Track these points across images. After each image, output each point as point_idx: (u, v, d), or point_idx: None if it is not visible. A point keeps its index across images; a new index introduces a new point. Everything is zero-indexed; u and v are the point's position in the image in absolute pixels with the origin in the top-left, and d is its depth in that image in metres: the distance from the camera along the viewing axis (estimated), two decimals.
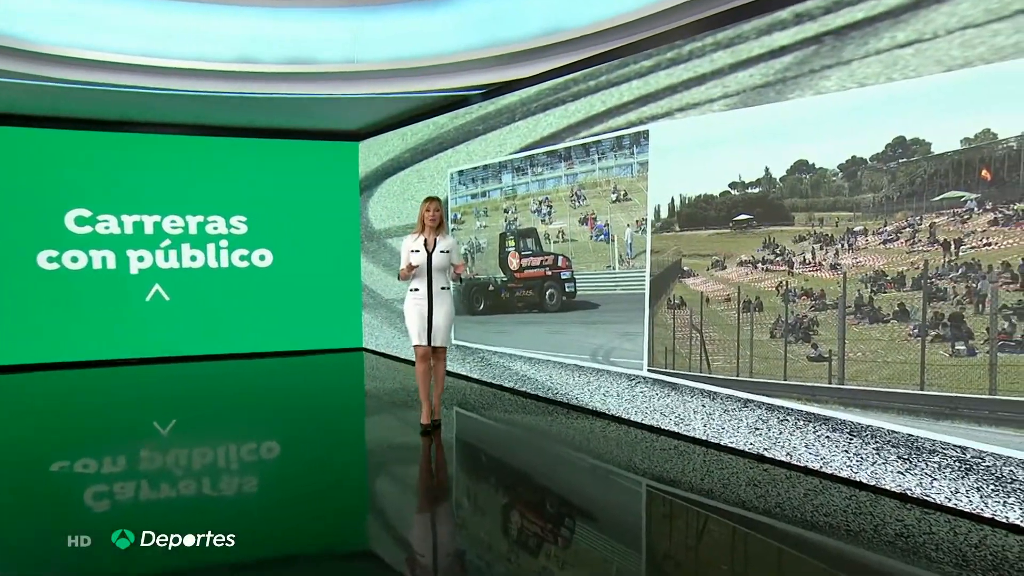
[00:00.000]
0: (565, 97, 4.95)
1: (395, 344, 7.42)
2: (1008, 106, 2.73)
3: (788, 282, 3.55)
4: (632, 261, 4.50)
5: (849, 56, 3.23)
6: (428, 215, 4.11)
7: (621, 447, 4.10)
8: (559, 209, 5.11)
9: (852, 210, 3.27)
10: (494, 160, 5.72)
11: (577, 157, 4.86)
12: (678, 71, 4.07)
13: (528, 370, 5.44)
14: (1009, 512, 2.78)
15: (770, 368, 3.64)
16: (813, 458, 3.48)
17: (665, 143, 4.18)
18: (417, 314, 4.17)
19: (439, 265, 4.13)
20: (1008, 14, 2.72)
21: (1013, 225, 2.74)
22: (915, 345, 3.05)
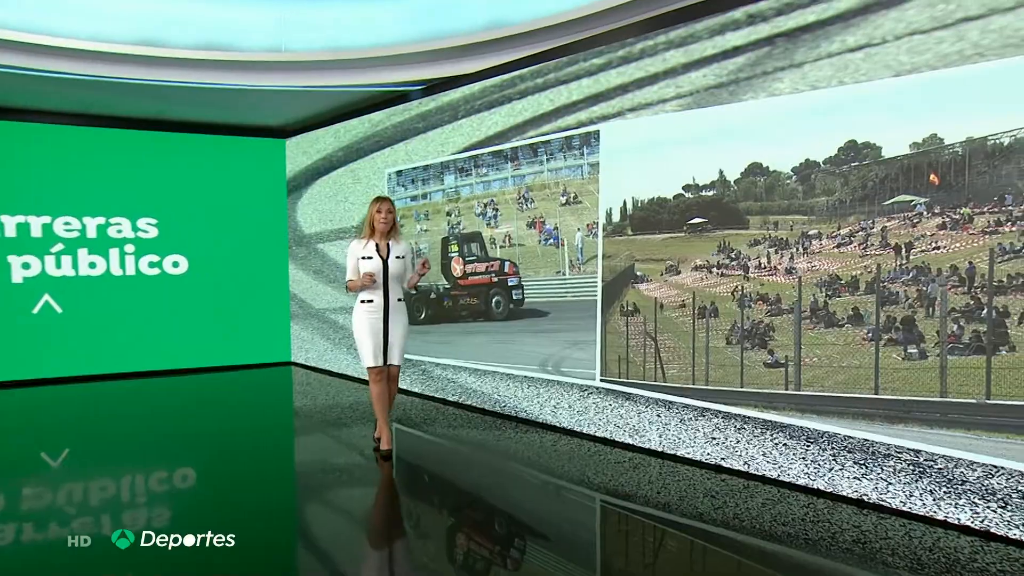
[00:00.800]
0: (511, 95, 4.91)
1: (328, 357, 7.15)
2: (953, 112, 2.87)
3: (744, 287, 3.62)
4: (583, 267, 4.49)
5: (801, 59, 3.33)
6: (380, 217, 3.83)
7: (573, 461, 4.06)
8: (505, 212, 5.06)
9: (806, 213, 3.37)
10: (436, 160, 5.61)
11: (524, 158, 4.83)
12: (630, 70, 4.10)
13: (473, 382, 5.35)
14: (960, 514, 2.90)
15: (727, 375, 3.69)
16: (771, 467, 3.54)
17: (617, 144, 4.20)
18: (370, 330, 3.86)
19: (395, 273, 3.86)
20: (951, 22, 2.87)
21: (960, 229, 2.89)
22: (869, 349, 3.16)
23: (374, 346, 3.87)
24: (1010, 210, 2.75)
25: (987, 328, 2.80)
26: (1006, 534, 2.78)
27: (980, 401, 2.82)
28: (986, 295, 2.81)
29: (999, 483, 2.80)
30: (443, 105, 5.53)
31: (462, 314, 5.45)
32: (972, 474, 2.87)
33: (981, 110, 2.80)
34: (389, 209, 3.87)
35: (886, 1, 3.05)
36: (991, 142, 2.79)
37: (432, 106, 5.64)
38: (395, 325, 3.91)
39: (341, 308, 6.92)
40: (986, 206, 2.82)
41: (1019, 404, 2.72)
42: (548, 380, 4.76)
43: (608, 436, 4.37)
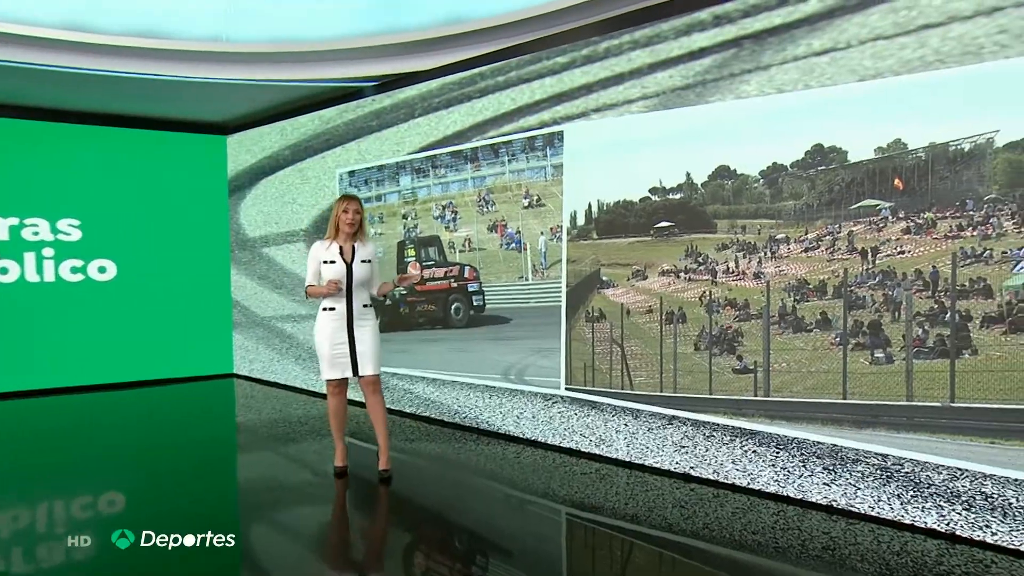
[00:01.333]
0: (471, 93, 4.87)
1: (274, 368, 6.93)
2: (916, 117, 2.98)
3: (712, 292, 3.67)
4: (546, 271, 4.48)
5: (768, 61, 3.40)
6: (345, 217, 3.63)
7: (537, 473, 4.04)
8: (465, 215, 5.01)
9: (774, 217, 3.44)
10: (391, 160, 5.52)
11: (485, 158, 4.80)
12: (594, 69, 4.11)
13: (432, 393, 5.27)
14: (927, 517, 3.00)
15: (695, 382, 3.73)
16: (740, 474, 3.59)
17: (581, 145, 4.20)
18: (330, 339, 3.65)
19: (361, 278, 3.65)
20: (913, 28, 2.98)
21: (924, 234, 2.99)
22: (837, 354, 3.23)
23: (331, 356, 3.70)
24: (971, 215, 2.86)
25: (950, 332, 2.91)
26: (971, 536, 2.88)
27: (945, 404, 2.92)
28: (949, 299, 2.91)
29: (963, 486, 2.90)
30: (399, 102, 5.45)
31: (419, 321, 5.37)
32: (938, 477, 2.97)
33: (943, 116, 2.91)
34: (356, 209, 3.66)
35: (850, 6, 3.14)
36: (952, 148, 2.90)
37: (387, 103, 5.55)
38: (362, 333, 3.70)
39: (289, 316, 6.72)
40: (948, 211, 2.93)
41: (982, 407, 2.82)
42: (511, 389, 4.72)
43: (574, 446, 4.36)
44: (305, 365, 6.55)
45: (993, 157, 2.79)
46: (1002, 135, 2.77)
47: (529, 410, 4.62)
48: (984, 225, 2.83)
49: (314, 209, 6.37)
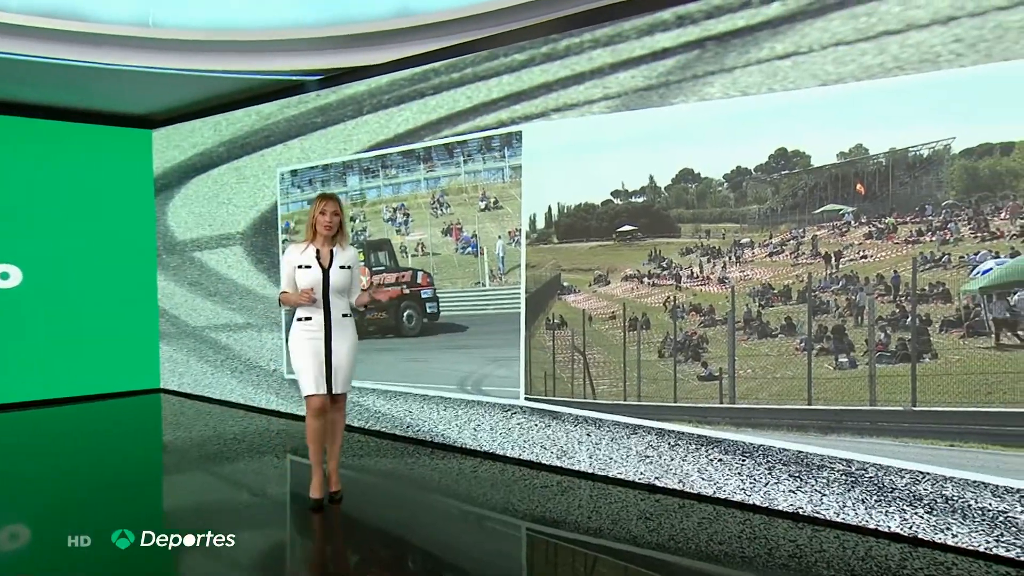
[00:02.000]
0: (424, 90, 4.83)
1: (207, 382, 6.67)
2: (877, 123, 3.11)
3: (676, 297, 3.73)
4: (505, 277, 4.47)
5: (731, 63, 3.49)
6: (323, 219, 3.41)
7: (496, 487, 4.01)
8: (418, 218, 4.95)
9: (738, 221, 3.53)
10: (337, 159, 5.41)
11: (439, 159, 4.76)
12: (554, 68, 4.14)
13: (382, 405, 5.17)
14: (891, 521, 3.12)
15: (659, 390, 3.78)
16: (706, 484, 3.66)
17: (540, 146, 4.22)
18: (311, 352, 3.44)
19: (339, 286, 3.44)
20: (873, 35, 3.12)
21: (885, 238, 3.12)
22: (802, 359, 3.34)
23: (316, 371, 3.45)
24: (930, 220, 3.01)
25: (911, 336, 3.04)
26: (932, 539, 3.02)
27: (907, 408, 3.05)
28: (910, 303, 3.05)
29: (925, 489, 3.03)
30: (345, 98, 5.34)
31: (369, 330, 5.27)
32: (900, 481, 3.09)
33: (902, 122, 3.05)
34: (335, 210, 3.44)
35: (812, 11, 3.26)
36: (912, 154, 3.04)
37: (332, 99, 5.44)
38: (340, 346, 3.50)
39: (224, 326, 6.49)
40: (908, 216, 3.07)
41: (942, 410, 2.96)
42: (467, 400, 4.68)
43: (534, 459, 4.35)
44: (243, 378, 6.33)
45: (950, 164, 2.94)
46: (958, 142, 2.92)
47: (487, 422, 4.59)
48: (942, 230, 2.97)
49: (252, 210, 6.18)
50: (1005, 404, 2.82)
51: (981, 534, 2.91)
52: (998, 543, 2.87)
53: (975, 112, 2.87)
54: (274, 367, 6.04)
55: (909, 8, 3.02)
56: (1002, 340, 2.84)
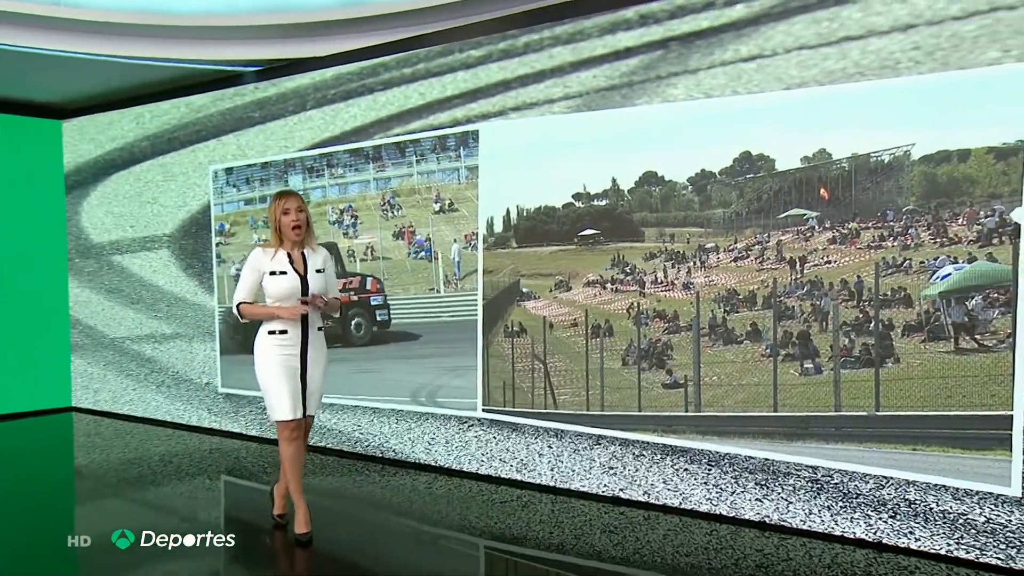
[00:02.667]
0: (373, 85, 4.78)
1: (127, 399, 6.39)
2: (839, 128, 3.26)
3: (640, 303, 3.80)
4: (460, 283, 4.47)
5: (696, 65, 3.59)
6: (288, 220, 3.20)
7: (452, 504, 4.00)
8: (367, 220, 4.90)
9: (703, 226, 3.63)
10: (277, 157, 5.29)
11: (390, 158, 4.72)
12: (512, 65, 4.16)
13: (328, 419, 5.08)
14: (856, 528, 3.26)
15: (623, 399, 3.84)
16: (672, 494, 3.74)
17: (498, 146, 4.24)
18: (285, 371, 3.22)
19: (316, 292, 3.26)
20: (835, 40, 3.27)
21: (848, 244, 3.27)
22: (767, 366, 3.45)
23: (291, 392, 3.24)
24: (891, 226, 3.17)
25: (875, 341, 3.19)
26: (896, 543, 3.17)
27: (871, 414, 3.20)
28: (873, 308, 3.20)
29: (889, 494, 3.18)
30: (287, 92, 5.24)
31: None
32: (865, 486, 3.24)
33: (864, 127, 3.21)
34: (300, 207, 3.23)
35: (775, 14, 3.39)
36: (873, 159, 3.20)
37: (272, 92, 5.32)
38: (315, 364, 3.31)
39: (149, 336, 6.24)
40: (871, 221, 3.22)
41: (904, 415, 3.12)
42: (421, 413, 4.65)
43: (492, 473, 4.35)
44: (170, 393, 6.10)
45: (910, 169, 3.11)
46: (917, 148, 3.09)
47: (442, 435, 4.57)
48: (903, 236, 3.14)
49: (181, 211, 5.97)
50: (964, 408, 2.99)
51: (942, 537, 3.07)
52: (958, 545, 3.03)
53: (933, 119, 3.05)
54: (207, 380, 5.85)
55: (869, 14, 3.18)
56: (961, 344, 3.02)
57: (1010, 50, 2.89)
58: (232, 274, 5.63)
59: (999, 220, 2.91)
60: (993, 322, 2.94)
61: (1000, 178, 2.90)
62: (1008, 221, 2.89)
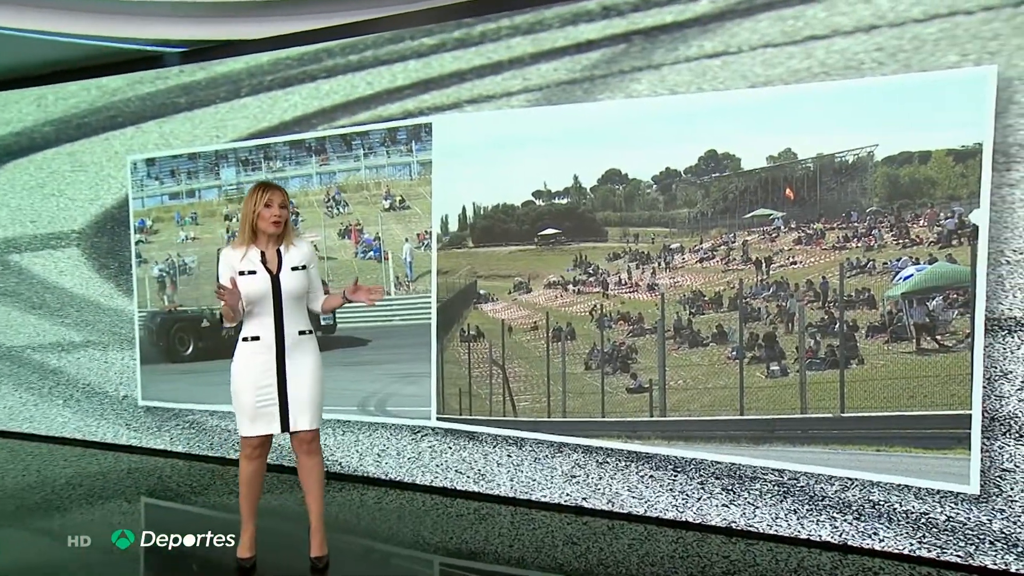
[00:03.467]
0: (316, 72, 4.72)
1: (28, 414, 6.10)
2: (805, 127, 3.44)
3: (603, 305, 3.90)
4: (413, 284, 4.48)
5: (660, 60, 3.72)
6: (269, 214, 3.09)
7: (404, 520, 4.01)
8: (310, 217, 4.84)
9: (668, 225, 3.76)
10: (207, 148, 5.16)
11: (335, 151, 4.68)
12: (468, 55, 4.20)
13: None
14: (821, 530, 3.45)
15: (586, 404, 3.94)
16: (637, 502, 3.85)
17: (453, 140, 4.26)
18: (252, 380, 3.14)
19: (293, 292, 3.14)
20: (800, 39, 3.45)
21: (813, 244, 3.45)
22: (733, 368, 3.61)
23: (254, 404, 3.14)
24: (855, 227, 3.37)
25: (840, 342, 3.38)
26: (861, 545, 3.37)
27: (836, 415, 3.39)
28: (838, 310, 3.39)
29: (854, 495, 3.38)
30: (218, 77, 5.11)
31: None
32: (831, 488, 3.43)
33: (829, 127, 3.40)
34: (283, 201, 3.12)
35: (740, 10, 3.55)
36: (838, 159, 3.39)
37: (201, 77, 5.18)
38: (298, 371, 3.18)
39: (54, 345, 5.97)
40: (835, 222, 3.41)
41: (869, 416, 3.32)
42: (370, 423, 4.63)
43: (448, 485, 4.38)
44: (81, 408, 5.85)
45: (873, 170, 3.31)
46: (880, 149, 3.29)
47: (393, 446, 4.56)
48: (867, 236, 3.34)
49: (94, 205, 5.74)
50: (926, 408, 3.21)
51: (905, 537, 3.28)
52: (921, 544, 3.25)
53: (896, 120, 3.25)
54: (124, 393, 5.64)
55: (834, 14, 3.37)
56: (922, 344, 3.23)
57: (968, 54, 3.12)
58: (155, 275, 5.46)
59: (958, 222, 3.14)
60: (953, 322, 3.16)
61: (959, 180, 3.13)
62: (967, 223, 3.12)
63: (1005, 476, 3.09)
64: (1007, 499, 3.08)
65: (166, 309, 5.41)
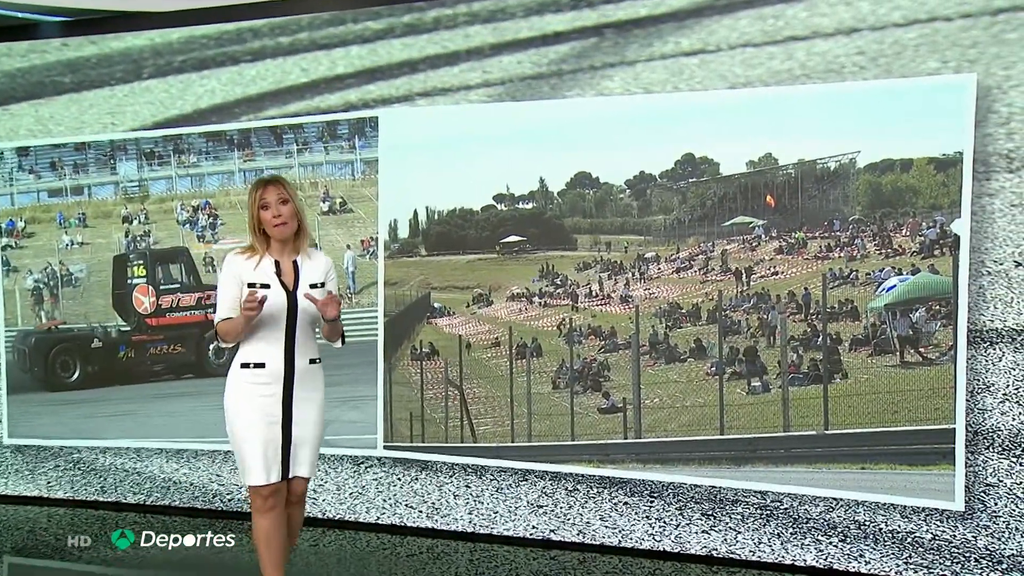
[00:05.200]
0: (238, 54, 4.72)
1: None
2: (785, 132, 3.75)
3: (572, 319, 4.10)
4: (356, 297, 4.53)
5: (633, 57, 3.96)
6: (268, 216, 2.91)
7: (345, 563, 4.08)
8: (231, 221, 4.83)
9: (642, 233, 3.99)
10: (100, 137, 5.04)
11: (263, 145, 4.70)
12: (420, 43, 4.32)
13: (175, 470, 4.92)
14: (806, 554, 3.75)
15: (554, 427, 4.12)
16: (610, 532, 4.05)
17: (403, 136, 4.37)
18: (261, 418, 2.96)
19: (311, 313, 2.98)
20: (780, 39, 3.76)
21: (795, 254, 3.77)
22: (713, 385, 3.87)
23: (264, 447, 2.94)
24: (838, 235, 3.70)
25: (823, 356, 3.70)
26: (847, 568, 3.69)
27: (820, 433, 3.70)
28: (821, 322, 3.71)
29: (839, 516, 3.70)
30: (113, 54, 5.00)
31: (154, 370, 5.00)
32: (815, 510, 3.73)
33: (810, 132, 3.72)
34: (282, 195, 2.92)
35: (719, 7, 3.83)
36: (820, 166, 3.72)
37: (91, 52, 5.05)
38: (305, 409, 3.01)
39: None
40: (817, 231, 3.74)
41: (853, 432, 3.65)
42: None
43: (397, 521, 4.45)
44: None
45: (856, 178, 3.65)
46: (863, 156, 3.64)
47: (332, 480, 4.58)
48: (850, 246, 3.67)
49: None
50: (910, 423, 3.56)
51: (892, 558, 3.62)
52: (907, 565, 3.60)
53: (878, 127, 3.61)
54: None
55: (815, 15, 3.70)
56: (906, 358, 3.59)
57: (948, 61, 3.50)
58: (29, 286, 5.27)
59: (940, 231, 3.51)
60: (936, 334, 3.53)
61: (940, 189, 3.50)
62: (948, 232, 3.49)
63: (989, 491, 3.47)
64: (991, 515, 3.46)
65: (44, 327, 5.23)
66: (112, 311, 5.14)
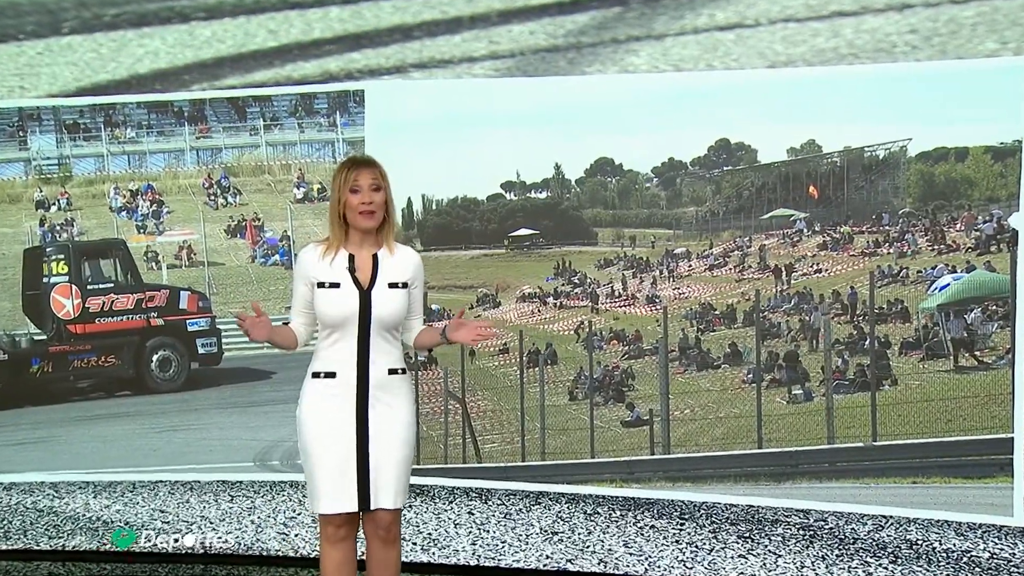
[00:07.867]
0: (188, 10, 4.66)
1: None
2: (830, 116, 3.99)
3: (592, 322, 4.23)
4: None
5: (662, 30, 4.12)
6: (356, 201, 2.78)
7: None
8: (180, 208, 4.77)
9: (671, 227, 4.17)
10: (7, 103, 4.88)
11: (221, 120, 4.66)
12: (414, 6, 4.36)
13: (103, 506, 4.81)
14: None
15: (571, 443, 4.25)
16: (636, 560, 4.21)
17: (394, 114, 4.40)
18: (332, 435, 2.82)
19: (387, 318, 2.82)
20: (826, 14, 4.00)
21: (840, 250, 4.02)
22: (750, 393, 4.09)
23: (334, 470, 2.86)
24: (887, 230, 3.97)
25: (870, 361, 3.97)
26: None
27: (867, 444, 3.97)
28: (868, 324, 3.97)
29: (889, 535, 3.97)
30: (22, 3, 4.85)
31: (79, 387, 4.89)
32: (863, 529, 4.00)
33: (857, 117, 3.97)
34: (375, 181, 2.78)
35: None
36: (868, 154, 3.98)
37: None
38: (385, 424, 2.81)
39: None
40: (865, 225, 4.00)
41: (903, 443, 3.92)
42: (273, 482, 4.62)
43: None
44: None
45: (907, 167, 3.93)
46: (914, 144, 3.92)
47: (306, 511, 4.57)
48: (900, 242, 3.95)
49: None
50: (965, 432, 3.85)
51: None
52: None
53: (931, 112, 3.89)
54: None
55: None
56: (960, 362, 3.89)
57: (1007, 42, 3.80)
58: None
59: (997, 226, 3.82)
60: (992, 337, 3.84)
61: (997, 180, 3.81)
62: (1006, 227, 3.79)
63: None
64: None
65: None
66: (22, 316, 5.04)
